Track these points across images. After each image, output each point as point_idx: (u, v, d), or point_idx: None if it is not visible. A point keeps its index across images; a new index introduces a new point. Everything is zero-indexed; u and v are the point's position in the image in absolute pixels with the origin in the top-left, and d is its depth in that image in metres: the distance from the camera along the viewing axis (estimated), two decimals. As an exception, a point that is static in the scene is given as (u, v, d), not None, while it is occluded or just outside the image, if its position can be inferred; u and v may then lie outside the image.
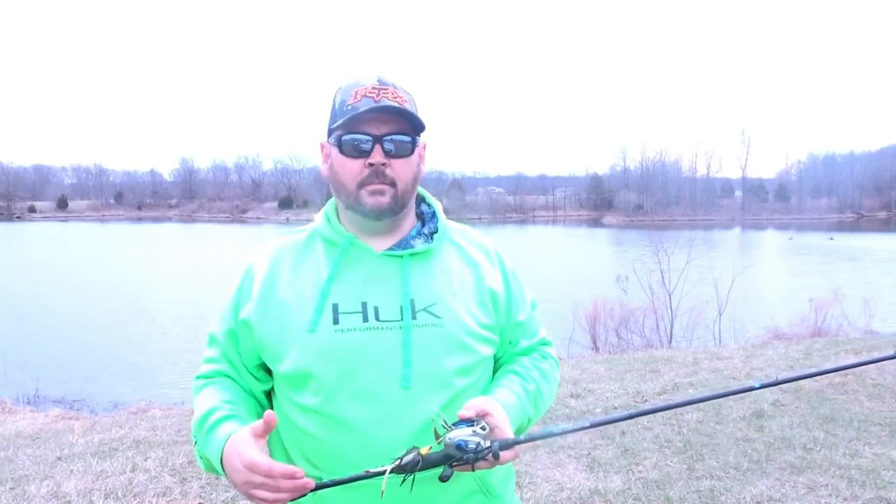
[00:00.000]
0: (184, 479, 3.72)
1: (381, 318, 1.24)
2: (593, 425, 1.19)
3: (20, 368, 10.64)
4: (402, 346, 1.22)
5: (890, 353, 1.28)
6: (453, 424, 1.11)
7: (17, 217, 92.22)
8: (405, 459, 1.09)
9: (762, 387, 1.21)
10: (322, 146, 1.35)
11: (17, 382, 9.32)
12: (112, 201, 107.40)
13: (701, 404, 5.02)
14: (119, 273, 27.16)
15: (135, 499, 3.48)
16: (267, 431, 1.09)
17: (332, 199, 1.37)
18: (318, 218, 1.37)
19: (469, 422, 1.12)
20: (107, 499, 3.47)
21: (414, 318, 1.24)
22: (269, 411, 1.10)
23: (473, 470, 1.12)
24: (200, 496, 3.51)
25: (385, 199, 1.26)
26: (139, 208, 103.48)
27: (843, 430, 4.39)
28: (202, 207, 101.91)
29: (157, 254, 38.53)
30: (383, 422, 1.20)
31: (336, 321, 1.23)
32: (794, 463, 3.85)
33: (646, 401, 5.18)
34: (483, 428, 1.11)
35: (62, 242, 48.20)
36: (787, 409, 4.90)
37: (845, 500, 3.38)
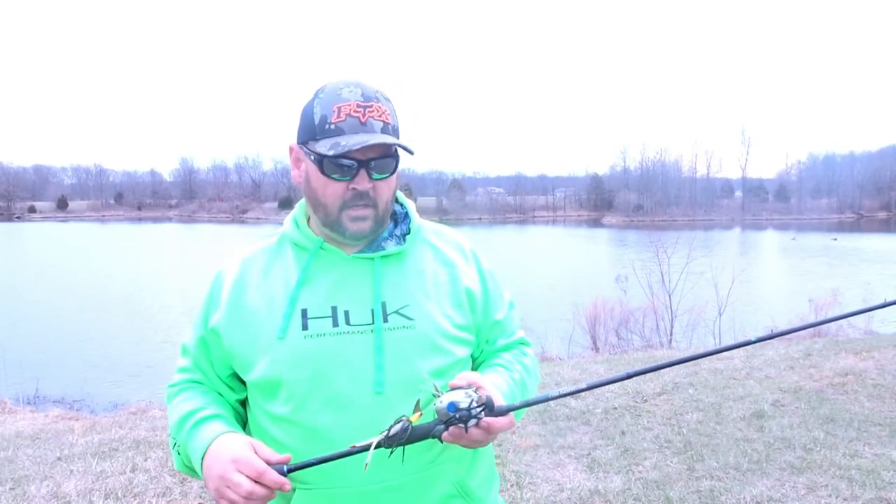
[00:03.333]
0: (184, 479, 3.72)
1: (351, 323, 1.20)
2: (590, 387, 1.15)
3: (20, 368, 10.64)
4: (375, 350, 1.19)
5: (888, 300, 1.25)
6: (444, 392, 1.08)
7: (17, 217, 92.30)
8: (393, 430, 1.04)
9: (758, 340, 1.20)
10: (291, 149, 1.28)
11: (17, 382, 9.33)
12: (112, 201, 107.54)
13: (701, 405, 5.02)
14: (119, 273, 27.16)
15: (135, 499, 3.48)
16: (273, 462, 1.08)
17: (301, 203, 1.33)
18: (287, 222, 1.33)
19: (461, 389, 1.08)
20: (107, 499, 3.47)
21: (386, 320, 1.21)
22: (287, 455, 1.09)
23: (467, 434, 1.07)
24: (200, 496, 3.51)
25: (367, 225, 1.23)
26: (139, 208, 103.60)
27: (843, 430, 4.39)
28: (202, 208, 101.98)
29: (157, 254, 38.53)
30: (356, 428, 1.16)
31: (305, 327, 1.20)
32: (794, 463, 3.85)
33: (646, 401, 5.18)
34: (475, 391, 1.07)
35: (62, 242, 48.22)
36: (787, 409, 4.90)
37: (845, 500, 3.38)
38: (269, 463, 1.07)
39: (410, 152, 1.24)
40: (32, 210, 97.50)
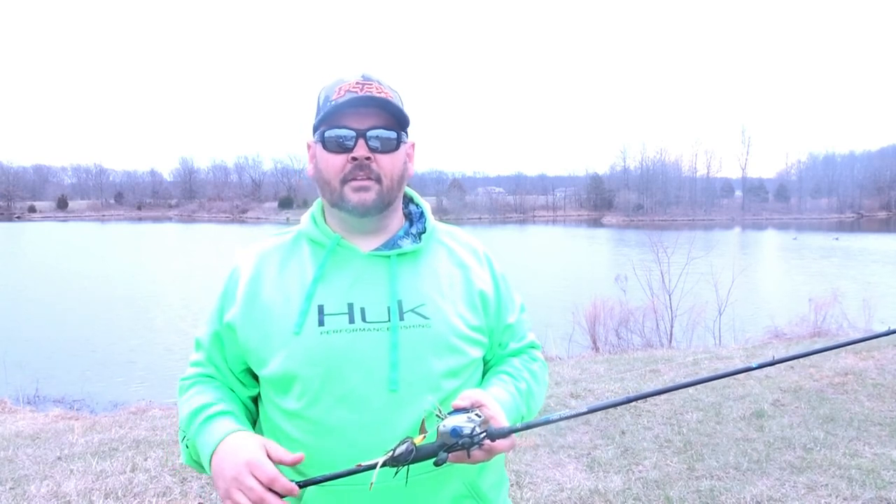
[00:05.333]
0: (184, 479, 3.72)
1: (367, 320, 1.21)
2: (590, 410, 1.15)
3: (20, 368, 10.63)
4: (390, 347, 1.19)
5: (886, 329, 1.25)
6: (448, 413, 1.09)
7: (17, 217, 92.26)
8: (398, 451, 1.05)
9: (759, 367, 1.20)
10: (309, 146, 1.32)
11: (17, 382, 9.30)
12: (112, 201, 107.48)
13: (701, 405, 5.02)
14: (119, 273, 27.15)
15: (135, 499, 3.48)
16: (285, 463, 1.08)
17: (319, 200, 1.35)
18: (305, 219, 1.34)
19: (464, 410, 1.10)
20: (107, 499, 3.47)
21: (401, 319, 1.21)
22: (300, 454, 1.09)
23: (469, 457, 1.08)
24: (200, 496, 3.51)
25: (369, 196, 1.23)
26: (139, 208, 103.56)
27: (843, 430, 4.39)
28: (202, 207, 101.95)
29: (157, 254, 38.52)
30: (370, 426, 1.17)
31: (321, 323, 1.20)
32: (794, 463, 3.85)
33: (646, 400, 5.18)
34: (478, 415, 1.09)
35: (62, 242, 48.17)
36: (787, 409, 4.90)
37: (845, 500, 3.38)
38: (281, 463, 1.08)
39: (405, 117, 1.26)
40: (32, 210, 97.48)
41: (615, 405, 1.18)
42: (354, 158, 1.22)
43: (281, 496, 1.06)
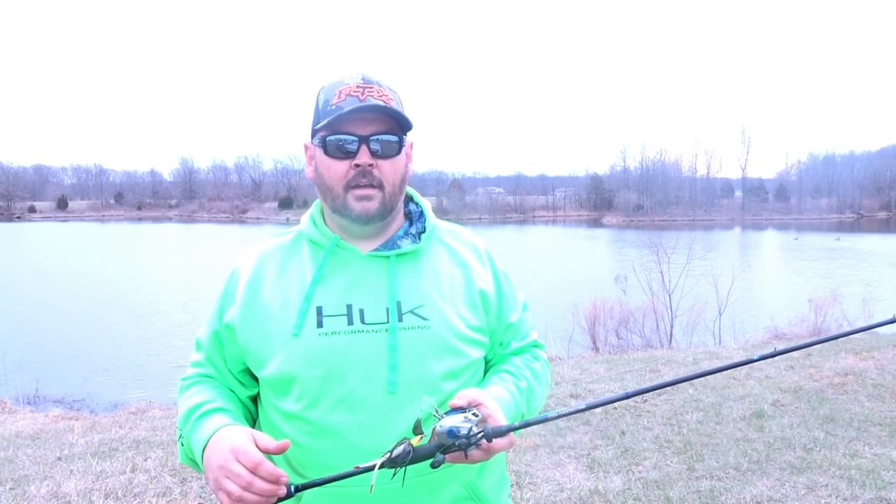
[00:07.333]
0: (184, 479, 3.72)
1: (366, 321, 1.20)
2: (589, 407, 1.15)
3: (20, 368, 10.63)
4: (388, 349, 1.19)
5: (889, 318, 1.24)
6: (445, 413, 1.08)
7: (17, 217, 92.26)
8: (395, 452, 1.05)
9: (760, 359, 1.20)
10: (306, 147, 1.31)
11: (17, 382, 9.31)
12: (112, 201, 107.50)
13: (701, 405, 5.02)
14: (119, 273, 27.14)
15: (135, 499, 3.48)
16: (272, 451, 1.07)
17: (318, 201, 1.34)
18: (304, 220, 1.34)
19: (461, 410, 1.09)
20: (107, 499, 3.47)
21: (400, 320, 1.21)
22: (285, 441, 1.08)
23: (466, 458, 1.08)
24: (200, 496, 3.51)
25: (373, 205, 1.22)
26: (139, 208, 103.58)
27: (843, 430, 4.39)
28: (202, 207, 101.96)
29: (157, 254, 38.51)
30: (369, 428, 1.17)
31: (320, 324, 1.20)
32: (794, 463, 3.85)
33: (646, 401, 5.18)
34: (475, 415, 1.08)
35: (62, 242, 48.16)
36: (787, 409, 4.90)
37: (845, 500, 3.38)
38: (268, 451, 1.07)
39: (408, 122, 1.25)
40: (32, 210, 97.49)
41: (613, 401, 1.18)
42: (357, 165, 1.21)
43: (268, 482, 1.04)
